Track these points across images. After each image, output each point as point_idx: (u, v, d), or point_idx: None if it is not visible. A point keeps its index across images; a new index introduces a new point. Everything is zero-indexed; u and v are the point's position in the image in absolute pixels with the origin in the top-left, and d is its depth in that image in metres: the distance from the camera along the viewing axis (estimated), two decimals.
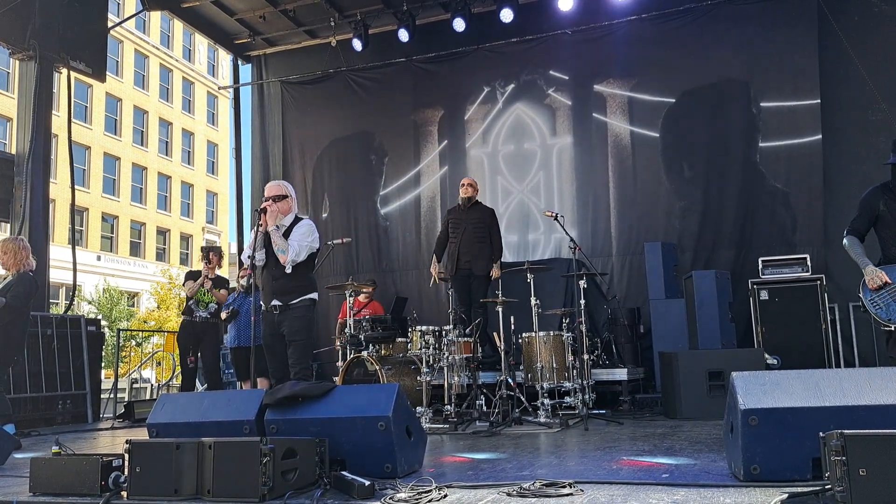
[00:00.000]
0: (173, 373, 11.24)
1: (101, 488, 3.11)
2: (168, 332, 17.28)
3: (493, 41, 9.13)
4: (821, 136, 7.71)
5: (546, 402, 5.72)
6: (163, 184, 35.82)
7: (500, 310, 6.01)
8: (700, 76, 8.32)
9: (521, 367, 6.19)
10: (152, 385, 14.12)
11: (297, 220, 4.91)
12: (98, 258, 31.04)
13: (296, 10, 9.62)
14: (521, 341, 6.18)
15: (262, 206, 4.76)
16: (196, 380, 7.55)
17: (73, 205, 9.52)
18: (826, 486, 2.52)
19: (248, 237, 4.95)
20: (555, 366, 5.91)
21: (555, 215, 6.38)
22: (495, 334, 6.08)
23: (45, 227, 8.33)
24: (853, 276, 4.57)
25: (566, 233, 6.44)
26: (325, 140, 10.05)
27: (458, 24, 8.63)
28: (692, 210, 8.19)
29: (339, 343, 6.79)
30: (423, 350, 5.88)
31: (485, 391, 6.08)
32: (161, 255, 35.29)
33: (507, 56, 9.17)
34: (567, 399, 5.93)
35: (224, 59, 35.41)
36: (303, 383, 3.73)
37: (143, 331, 24.68)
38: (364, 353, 6.05)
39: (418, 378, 5.83)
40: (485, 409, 5.91)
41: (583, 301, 6.12)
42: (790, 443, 2.83)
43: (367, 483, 2.97)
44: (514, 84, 9.18)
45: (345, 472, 3.16)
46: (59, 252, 13.98)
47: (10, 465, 4.32)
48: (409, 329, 6.31)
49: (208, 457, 2.99)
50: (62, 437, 5.33)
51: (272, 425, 3.55)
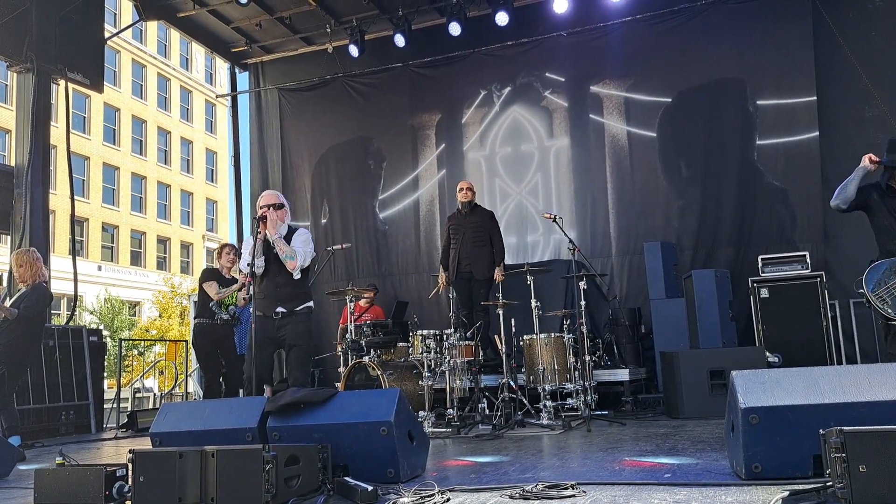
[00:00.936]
0: (175, 382, 11.25)
1: (105, 498, 3.11)
2: (170, 340, 17.30)
3: (489, 44, 9.15)
4: (818, 133, 7.72)
5: (548, 403, 5.72)
6: (162, 192, 35.87)
7: (500, 312, 6.01)
8: (696, 75, 8.34)
9: (523, 370, 6.20)
10: (155, 394, 14.14)
11: (291, 228, 4.95)
12: (99, 268, 31.08)
13: (292, 18, 9.64)
14: (522, 344, 6.18)
15: (260, 214, 4.78)
16: (221, 383, 7.38)
17: (73, 215, 9.53)
18: (827, 483, 2.53)
19: (247, 246, 4.94)
20: (556, 367, 5.91)
21: (553, 217, 6.39)
22: (496, 337, 6.08)
23: (46, 238, 8.33)
24: (853, 272, 4.59)
25: (565, 234, 6.45)
26: (323, 146, 10.07)
27: (454, 29, 8.66)
28: (691, 209, 8.20)
29: (340, 348, 6.79)
30: (425, 354, 5.89)
31: (487, 394, 6.08)
32: (162, 264, 35.32)
33: (503, 59, 9.19)
34: (569, 400, 5.93)
35: (221, 67, 35.48)
36: (304, 390, 3.74)
37: (145, 340, 24.70)
38: (365, 359, 6.06)
39: (420, 382, 5.84)
40: (487, 412, 5.91)
41: (583, 302, 6.13)
42: (791, 440, 2.84)
43: (371, 488, 2.98)
44: (510, 87, 9.21)
45: (348, 478, 3.17)
46: (59, 263, 14.03)
47: (14, 476, 4.33)
48: (411, 333, 6.32)
49: (211, 465, 3.00)
50: (66, 447, 5.36)
51: (274, 432, 3.56)
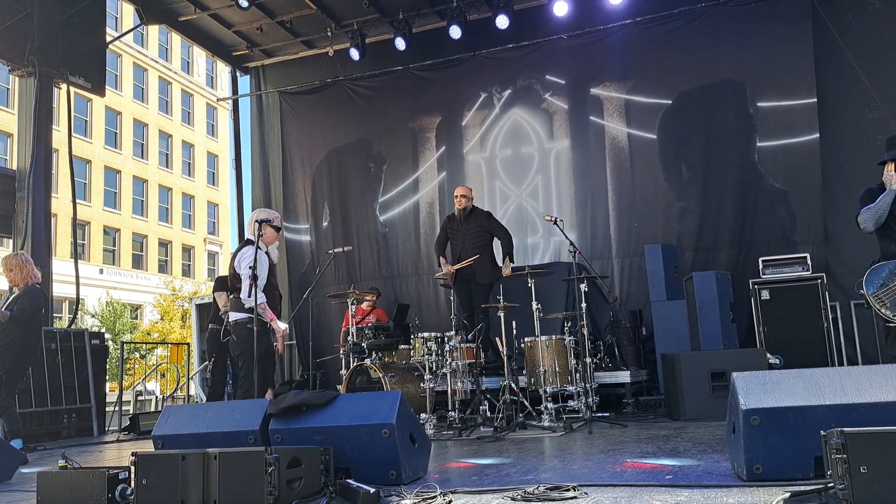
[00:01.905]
0: (178, 384, 11.25)
1: (107, 501, 3.12)
2: (172, 343, 17.32)
3: (490, 47, 9.17)
4: (818, 135, 7.72)
5: (549, 405, 5.72)
6: (164, 196, 35.91)
7: (501, 315, 6.02)
8: (696, 77, 8.35)
9: (524, 372, 6.20)
10: (157, 397, 14.16)
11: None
12: (100, 271, 31.10)
13: (293, 22, 9.67)
14: (523, 346, 6.18)
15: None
16: (226, 385, 7.42)
17: (74, 219, 9.54)
18: (828, 484, 2.53)
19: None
20: (557, 369, 5.91)
21: (554, 219, 6.40)
22: (497, 339, 6.09)
23: (48, 241, 8.36)
24: (854, 274, 4.59)
25: (566, 237, 6.46)
26: (324, 149, 10.09)
27: (455, 32, 8.68)
28: (691, 211, 8.20)
29: (343, 351, 6.80)
30: (426, 357, 5.90)
31: (488, 396, 6.09)
32: (163, 267, 35.35)
33: (504, 62, 9.21)
34: (570, 402, 5.93)
35: (222, 70, 35.53)
36: (306, 392, 3.75)
37: (146, 343, 24.70)
38: (367, 361, 6.07)
39: (421, 385, 5.84)
40: (488, 414, 5.92)
41: (584, 304, 6.12)
42: (792, 442, 2.85)
43: (373, 490, 2.99)
44: (510, 89, 9.22)
45: (350, 480, 3.18)
46: (61, 266, 14.04)
47: (17, 479, 4.34)
48: (412, 336, 6.33)
49: (214, 467, 3.01)
50: (68, 450, 5.37)
51: (276, 435, 3.56)
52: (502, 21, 8.48)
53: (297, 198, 10.16)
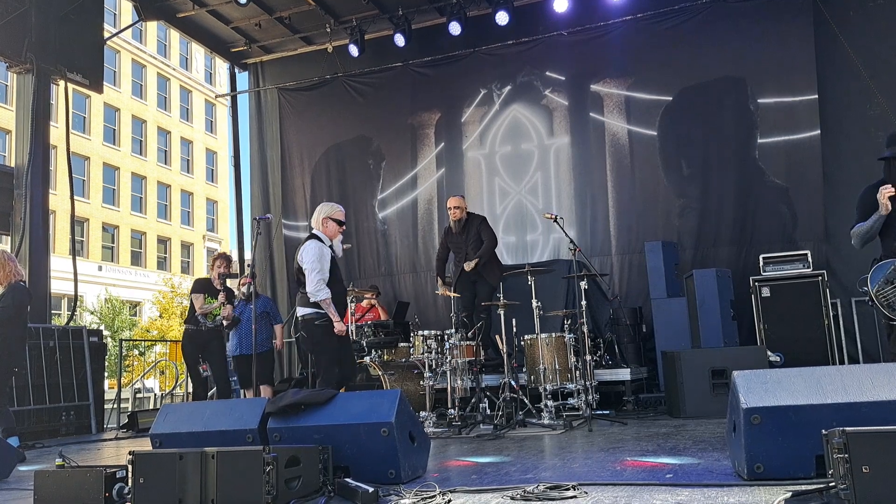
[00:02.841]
0: (176, 382, 11.25)
1: (105, 500, 3.11)
2: (171, 340, 17.31)
3: (489, 44, 9.14)
4: (819, 132, 7.70)
5: (549, 403, 5.71)
6: (162, 193, 35.85)
7: (501, 312, 6.00)
8: (697, 74, 8.32)
9: (524, 370, 6.19)
10: (155, 395, 14.14)
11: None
12: (99, 268, 31.05)
13: (291, 18, 9.63)
14: (523, 343, 6.17)
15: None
16: (207, 387, 7.46)
17: (73, 215, 9.52)
18: (830, 484, 2.51)
19: (249, 244, 5.00)
20: (558, 367, 5.90)
21: (554, 217, 6.37)
22: (497, 337, 6.08)
23: (46, 238, 8.33)
24: (855, 271, 4.57)
25: (566, 234, 6.43)
26: (323, 145, 10.07)
27: (454, 28, 8.65)
28: (691, 208, 8.18)
29: None
30: (426, 354, 5.88)
31: (488, 394, 6.07)
32: (162, 264, 35.30)
33: (504, 58, 9.18)
34: (570, 400, 5.92)
35: (221, 67, 35.48)
36: (305, 391, 3.73)
37: (145, 340, 24.70)
38: (367, 359, 6.05)
39: (421, 382, 5.83)
40: (488, 412, 5.90)
41: (584, 302, 6.10)
42: (793, 441, 2.83)
43: (371, 489, 2.97)
44: (510, 86, 9.19)
45: (349, 479, 3.16)
46: (60, 263, 14.00)
47: (14, 477, 4.33)
48: (412, 334, 6.31)
49: (212, 466, 2.99)
50: (66, 448, 5.35)
51: (275, 434, 3.55)
52: (502, 17, 8.45)
53: (295, 195, 10.13)
